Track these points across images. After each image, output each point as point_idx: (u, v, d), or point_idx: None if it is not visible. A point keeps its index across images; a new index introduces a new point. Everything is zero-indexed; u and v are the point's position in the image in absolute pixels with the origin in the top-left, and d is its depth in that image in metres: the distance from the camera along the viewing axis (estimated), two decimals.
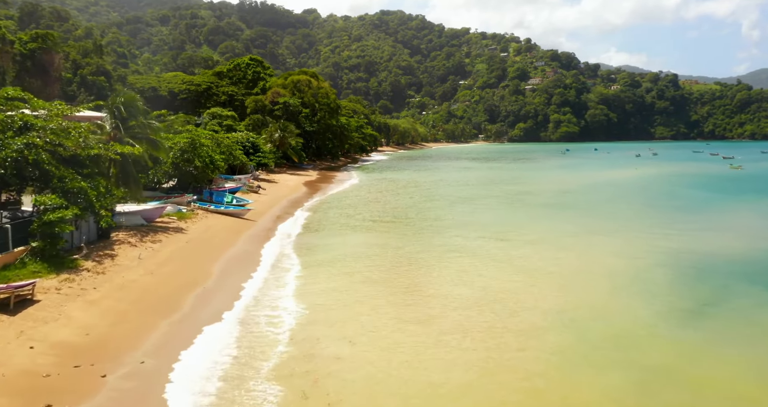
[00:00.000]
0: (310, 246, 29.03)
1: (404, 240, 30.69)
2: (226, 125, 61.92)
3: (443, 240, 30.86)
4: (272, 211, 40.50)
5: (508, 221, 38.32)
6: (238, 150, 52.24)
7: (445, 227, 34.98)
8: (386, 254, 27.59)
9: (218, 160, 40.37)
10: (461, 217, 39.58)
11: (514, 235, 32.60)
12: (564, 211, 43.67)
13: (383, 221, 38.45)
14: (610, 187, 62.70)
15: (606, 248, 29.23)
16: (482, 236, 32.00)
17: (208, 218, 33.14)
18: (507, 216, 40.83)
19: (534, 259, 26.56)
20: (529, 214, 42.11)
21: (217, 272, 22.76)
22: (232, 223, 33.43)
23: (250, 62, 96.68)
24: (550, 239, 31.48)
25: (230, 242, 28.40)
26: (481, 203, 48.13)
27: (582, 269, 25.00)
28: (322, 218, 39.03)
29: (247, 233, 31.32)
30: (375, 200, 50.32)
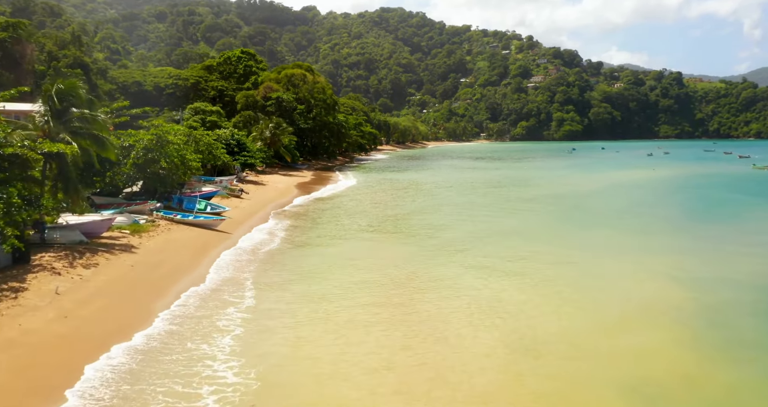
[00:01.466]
0: (288, 273, 23.22)
1: (409, 263, 24.64)
2: (211, 121, 56.21)
3: (452, 261, 24.97)
4: (253, 219, 34.75)
5: (527, 235, 31.90)
6: (221, 149, 46.51)
7: (455, 244, 28.69)
8: (386, 289, 20.59)
9: (191, 160, 34.64)
10: (471, 228, 33.46)
11: (537, 255, 26.28)
12: (591, 220, 37.50)
13: (381, 232, 32.63)
14: (634, 190, 56.76)
15: (661, 275, 22.90)
16: (499, 257, 25.80)
17: (171, 232, 27.43)
18: (524, 228, 34.35)
19: (570, 291, 20.42)
20: (551, 225, 35.61)
21: (162, 315, 17.08)
22: (199, 237, 27.73)
23: (241, 56, 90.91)
24: (585, 261, 25.31)
25: (189, 266, 22.64)
26: (492, 210, 41.89)
27: (640, 308, 18.80)
28: (311, 229, 33.21)
29: (215, 251, 25.55)
30: (373, 204, 44.57)
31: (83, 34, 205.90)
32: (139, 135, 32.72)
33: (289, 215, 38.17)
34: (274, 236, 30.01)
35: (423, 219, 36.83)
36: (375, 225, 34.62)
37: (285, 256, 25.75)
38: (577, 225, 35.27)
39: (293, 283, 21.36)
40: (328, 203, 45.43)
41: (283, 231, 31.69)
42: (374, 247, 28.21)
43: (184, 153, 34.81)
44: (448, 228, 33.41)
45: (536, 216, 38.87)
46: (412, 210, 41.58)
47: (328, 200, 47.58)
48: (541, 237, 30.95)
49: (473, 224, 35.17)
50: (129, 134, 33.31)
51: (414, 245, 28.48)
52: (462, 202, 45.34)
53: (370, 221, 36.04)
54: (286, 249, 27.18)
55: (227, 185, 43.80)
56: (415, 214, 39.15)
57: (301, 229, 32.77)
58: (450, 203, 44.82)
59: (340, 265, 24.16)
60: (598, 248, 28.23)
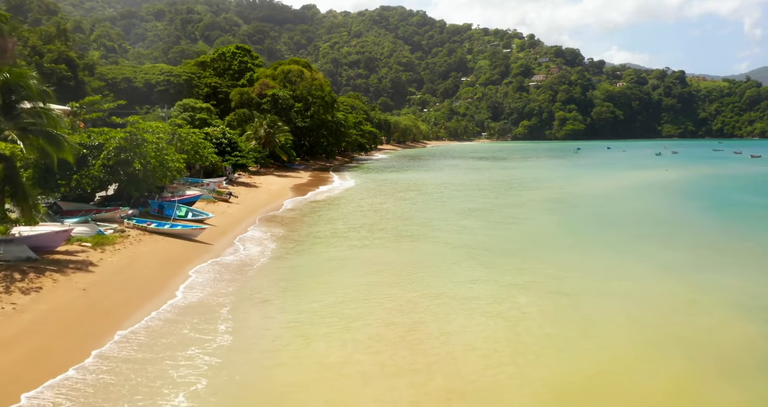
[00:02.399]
0: (274, 297, 19.67)
1: (412, 288, 20.51)
2: (200, 118, 52.63)
3: (461, 283, 20.99)
4: (239, 227, 31.15)
5: (550, 249, 27.04)
6: (209, 148, 42.90)
7: (464, 261, 24.28)
8: (387, 327, 16.25)
9: (170, 160, 31.05)
10: (482, 239, 29.17)
11: (566, 278, 21.36)
12: (618, 230, 32.74)
13: (380, 246, 28.59)
14: (652, 193, 52.73)
15: (731, 304, 18.55)
16: (521, 278, 21.48)
17: (141, 244, 23.88)
18: (545, 240, 29.57)
19: (616, 334, 16.24)
20: (574, 237, 30.66)
21: (94, 357, 13.50)
22: (174, 250, 24.18)
23: (236, 51, 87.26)
24: (628, 287, 20.59)
25: (155, 288, 19.08)
26: (503, 215, 37.63)
27: (717, 359, 14.76)
28: (303, 240, 29.35)
29: (189, 267, 21.97)
30: (372, 209, 40.80)
31: (79, 32, 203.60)
32: (111, 133, 29.13)
33: (281, 222, 34.53)
34: (260, 249, 26.35)
35: (427, 230, 32.49)
36: (375, 236, 30.87)
37: (272, 275, 22.09)
38: (606, 238, 30.41)
39: (279, 311, 17.80)
40: (324, 207, 41.85)
41: (271, 242, 28.00)
42: (374, 266, 24.40)
43: (165, 153, 31.25)
44: (456, 244, 28.72)
45: (557, 225, 34.57)
46: (415, 217, 37.88)
47: (325, 204, 44.00)
48: (569, 253, 26.42)
49: (486, 234, 31.43)
50: (100, 132, 29.76)
51: (419, 270, 23.73)
52: (470, 208, 41.45)
53: (370, 231, 32.13)
54: (273, 266, 23.51)
55: (215, 188, 40.24)
56: (418, 223, 35.11)
57: (293, 240, 29.10)
58: (457, 209, 41.13)
59: (336, 288, 20.54)
60: (640, 268, 23.55)
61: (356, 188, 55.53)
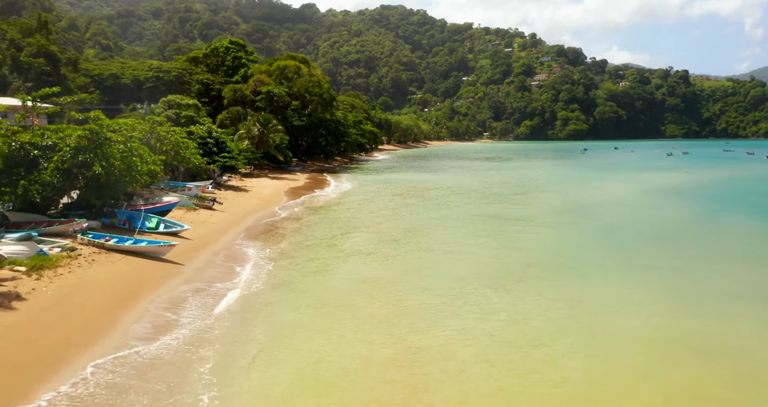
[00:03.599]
0: (253, 345, 15.23)
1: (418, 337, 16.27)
2: (186, 116, 48.25)
3: (474, 329, 16.41)
4: (220, 242, 26.67)
5: (583, 273, 21.71)
6: (192, 149, 38.46)
7: (474, 295, 19.15)
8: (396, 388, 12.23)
9: (141, 163, 26.62)
10: (492, 262, 23.66)
11: (621, 331, 15.99)
12: (648, 251, 26.54)
13: (386, 265, 24.10)
14: (678, 198, 47.68)
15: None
16: (549, 315, 16.92)
17: (93, 266, 19.46)
18: (578, 259, 24.31)
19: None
20: (615, 261, 24.51)
21: None
22: (133, 274, 19.74)
23: (230, 46, 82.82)
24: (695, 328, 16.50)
25: (97, 333, 14.65)
26: (516, 230, 31.40)
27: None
28: (294, 259, 24.35)
29: (148, 300, 17.50)
30: (377, 223, 35.57)
31: (74, 30, 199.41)
32: (67, 131, 24.72)
33: (270, 234, 30.04)
34: (241, 271, 21.95)
35: (438, 246, 27.69)
36: (379, 252, 26.34)
37: (251, 311, 17.54)
38: (637, 262, 24.80)
39: (259, 366, 13.40)
40: (320, 215, 37.36)
41: (255, 261, 23.60)
42: (377, 295, 19.89)
43: (135, 155, 26.83)
44: (469, 274, 22.84)
45: (577, 244, 29.11)
46: (422, 228, 33.43)
47: (322, 210, 39.56)
48: (599, 293, 20.46)
49: (496, 255, 26.55)
50: (57, 129, 25.35)
51: (426, 304, 19.03)
52: (481, 215, 36.89)
53: (363, 247, 27.18)
54: (254, 296, 18.97)
55: (198, 193, 35.81)
56: (426, 236, 30.53)
57: (281, 258, 24.58)
58: (465, 218, 36.61)
59: (332, 329, 16.14)
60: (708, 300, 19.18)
61: (357, 193, 51.00)
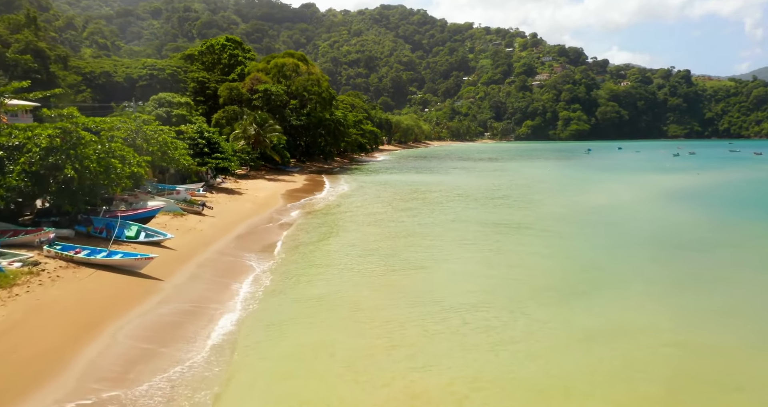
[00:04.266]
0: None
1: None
2: (178, 115, 45.77)
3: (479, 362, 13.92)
4: (209, 250, 24.13)
5: (617, 309, 17.84)
6: (181, 149, 35.95)
7: (493, 327, 16.04)
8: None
9: (119, 164, 24.14)
10: (514, 285, 20.20)
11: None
12: (671, 265, 23.46)
13: (375, 300, 20.81)
14: (697, 202, 44.56)
15: None
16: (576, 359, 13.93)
17: (57, 283, 16.98)
18: (606, 288, 20.17)
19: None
20: (644, 279, 21.10)
21: None
22: (103, 293, 17.24)
23: (226, 43, 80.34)
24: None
25: (49, 371, 12.16)
26: (534, 239, 28.20)
27: None
28: (286, 275, 21.53)
29: (116, 327, 14.99)
30: (369, 226, 33.16)
31: (71, 29, 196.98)
32: (36, 130, 22.25)
33: (263, 242, 27.45)
34: (229, 287, 19.41)
35: (441, 261, 24.17)
36: (376, 268, 23.53)
37: (241, 342, 15.14)
38: (678, 269, 22.26)
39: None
40: (319, 220, 34.86)
41: (245, 276, 21.03)
42: (372, 320, 17.38)
43: (114, 156, 24.36)
44: (472, 278, 21.00)
45: (611, 252, 26.03)
46: (425, 238, 30.90)
47: (321, 214, 37.06)
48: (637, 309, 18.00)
49: (517, 269, 23.90)
50: (26, 128, 22.88)
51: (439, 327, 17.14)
52: (488, 222, 34.15)
53: (371, 260, 24.54)
54: (242, 324, 16.52)
55: (186, 197, 33.30)
56: (429, 248, 27.65)
57: (273, 274, 22.06)
58: (472, 227, 34.00)
59: (317, 364, 13.66)
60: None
61: (356, 196, 48.47)
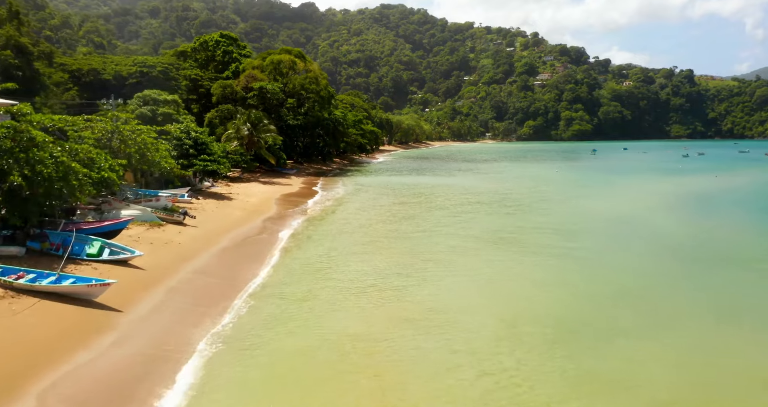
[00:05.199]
0: None
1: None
2: (163, 113, 42.41)
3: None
4: (184, 272, 20.54)
5: (675, 352, 14.48)
6: (164, 151, 32.56)
7: (517, 379, 12.62)
8: None
9: (81, 169, 20.76)
10: (543, 319, 16.57)
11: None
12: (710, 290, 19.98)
13: (375, 340, 17.94)
14: (726, 209, 40.94)
15: None
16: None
17: None
18: (656, 324, 16.55)
19: None
20: (704, 307, 18.18)
21: None
22: (42, 331, 13.85)
23: (220, 39, 76.94)
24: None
25: None
26: (560, 259, 23.88)
27: None
28: (278, 302, 18.51)
29: (42, 390, 11.57)
30: (368, 238, 29.61)
31: (67, 28, 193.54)
32: None
33: (249, 258, 24.14)
34: (204, 322, 16.00)
35: (450, 288, 19.78)
36: (376, 295, 19.69)
37: None
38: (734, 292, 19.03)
39: None
40: (315, 231, 31.51)
41: (223, 305, 17.60)
42: (370, 368, 13.93)
43: (77, 158, 21.02)
44: (490, 311, 17.21)
45: (652, 273, 22.01)
46: (432, 255, 27.40)
47: (318, 223, 33.71)
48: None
49: (545, 298, 19.35)
50: None
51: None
52: (503, 234, 30.35)
53: (370, 285, 20.46)
54: (210, 375, 13.12)
55: (167, 204, 29.89)
56: (436, 269, 22.61)
57: (258, 301, 18.64)
58: (486, 241, 30.45)
59: None
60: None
61: (356, 201, 45.09)
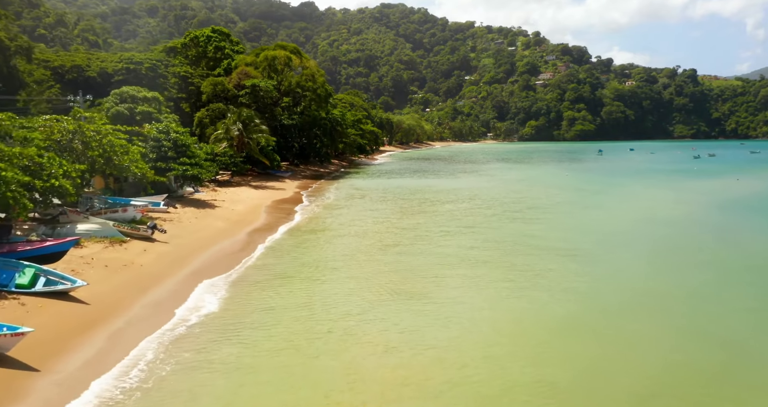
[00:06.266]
0: None
1: None
2: (142, 111, 38.53)
3: None
4: (137, 307, 16.61)
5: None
6: (135, 154, 28.63)
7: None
8: None
9: (16, 178, 16.85)
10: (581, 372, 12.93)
11: None
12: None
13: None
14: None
15: None
16: None
17: None
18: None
19: None
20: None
21: None
22: None
23: (211, 35, 72.99)
24: None
25: None
26: (593, 280, 20.43)
27: None
28: (254, 358, 14.68)
29: None
30: (366, 257, 25.51)
31: (62, 26, 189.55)
32: None
33: (226, 284, 20.22)
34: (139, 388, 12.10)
35: (461, 336, 15.86)
36: (371, 340, 16.02)
37: None
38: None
39: None
40: (306, 247, 27.63)
41: (187, 357, 13.69)
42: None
43: (10, 168, 17.12)
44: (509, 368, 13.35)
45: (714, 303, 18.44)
46: (439, 282, 23.33)
47: (309, 236, 29.84)
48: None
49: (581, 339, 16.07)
50: None
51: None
52: (521, 248, 26.72)
53: (366, 320, 17.12)
54: None
55: (135, 216, 25.95)
56: (442, 303, 18.53)
57: (232, 346, 14.71)
58: (501, 260, 26.33)
59: None
60: None
61: (354, 206, 41.23)
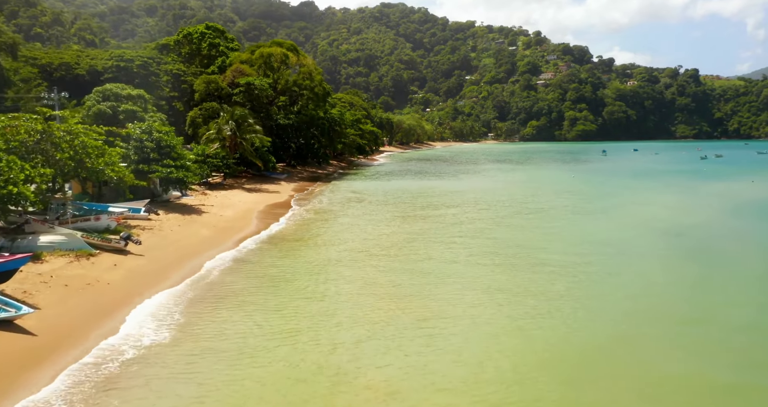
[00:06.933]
0: None
1: None
2: (126, 110, 36.06)
3: None
4: (91, 339, 14.23)
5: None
6: (112, 156, 26.16)
7: None
8: None
9: None
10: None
11: None
12: None
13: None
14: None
15: None
16: None
17: None
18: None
19: None
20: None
21: None
22: None
23: (205, 31, 70.61)
24: None
25: None
26: (623, 302, 18.20)
27: None
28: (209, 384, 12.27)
29: None
30: (362, 273, 23.27)
31: (58, 25, 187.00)
32: None
33: (205, 304, 17.76)
34: None
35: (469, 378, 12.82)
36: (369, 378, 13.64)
37: None
38: None
39: None
40: (297, 257, 25.18)
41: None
42: None
43: None
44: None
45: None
46: (444, 303, 20.76)
47: (300, 245, 27.40)
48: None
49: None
50: None
51: None
52: (539, 261, 24.08)
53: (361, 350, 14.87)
54: None
55: (108, 225, 23.48)
56: (448, 335, 15.89)
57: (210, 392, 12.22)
58: (515, 277, 23.62)
59: None
60: None
61: (354, 209, 38.77)
